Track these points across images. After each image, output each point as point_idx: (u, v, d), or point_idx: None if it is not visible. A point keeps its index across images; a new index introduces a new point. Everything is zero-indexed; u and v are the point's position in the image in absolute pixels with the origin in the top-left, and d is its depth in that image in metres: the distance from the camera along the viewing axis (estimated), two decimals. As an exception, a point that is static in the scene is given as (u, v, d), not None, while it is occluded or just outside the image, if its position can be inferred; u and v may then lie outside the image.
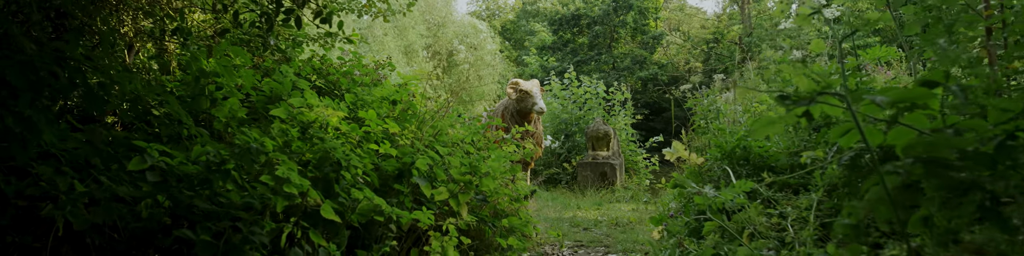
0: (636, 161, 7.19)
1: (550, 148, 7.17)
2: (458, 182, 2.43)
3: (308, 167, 2.00)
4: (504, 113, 5.84)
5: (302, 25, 2.36)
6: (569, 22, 17.84)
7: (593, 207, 5.28)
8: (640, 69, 17.22)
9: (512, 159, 3.06)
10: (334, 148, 1.96)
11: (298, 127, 2.19)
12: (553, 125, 7.52)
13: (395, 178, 2.36)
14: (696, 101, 2.84)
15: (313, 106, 2.22)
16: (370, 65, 4.05)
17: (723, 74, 3.62)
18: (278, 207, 1.61)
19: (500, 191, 2.80)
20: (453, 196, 2.40)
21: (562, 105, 7.69)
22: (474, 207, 2.75)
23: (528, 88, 5.66)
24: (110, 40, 2.61)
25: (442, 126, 2.75)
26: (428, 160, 2.34)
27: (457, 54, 15.91)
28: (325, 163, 1.97)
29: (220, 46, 2.54)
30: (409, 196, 2.37)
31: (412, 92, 3.34)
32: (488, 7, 28.51)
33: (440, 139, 2.81)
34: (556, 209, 5.06)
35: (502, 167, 2.61)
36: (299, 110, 2.18)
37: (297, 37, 3.87)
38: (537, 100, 5.60)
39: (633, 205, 5.48)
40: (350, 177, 2.03)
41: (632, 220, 4.32)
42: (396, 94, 2.81)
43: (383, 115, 2.81)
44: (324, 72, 3.74)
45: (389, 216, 1.95)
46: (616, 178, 6.45)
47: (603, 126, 6.54)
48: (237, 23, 2.43)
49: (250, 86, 2.60)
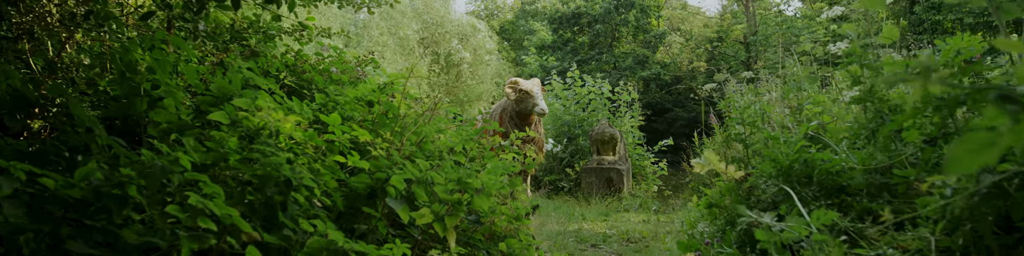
0: (644, 166, 6.74)
1: (552, 152, 6.72)
2: (445, 202, 1.98)
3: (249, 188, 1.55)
4: (502, 115, 5.39)
5: (240, 5, 1.91)
6: (569, 20, 17.39)
7: (600, 218, 4.83)
8: (642, 69, 16.77)
9: (511, 171, 2.61)
10: (280, 164, 1.51)
11: (241, 135, 1.74)
12: (555, 127, 7.07)
13: (366, 197, 1.90)
14: (729, 102, 2.38)
15: (263, 108, 1.77)
16: (353, 62, 3.60)
17: (751, 72, 3.18)
18: (183, 252, 1.16)
19: (497, 209, 2.35)
20: (438, 219, 1.95)
21: (564, 106, 7.23)
22: (465, 229, 2.30)
23: (528, 88, 5.21)
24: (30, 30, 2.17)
25: (428, 132, 2.30)
26: (408, 175, 1.89)
27: (455, 54, 15.51)
28: (268, 183, 1.51)
29: (157, 34, 2.09)
30: (384, 220, 1.92)
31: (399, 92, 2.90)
32: (487, 7, 28.13)
33: (425, 148, 2.36)
34: (559, 220, 4.61)
35: (499, 182, 2.16)
36: (246, 114, 1.73)
37: (268, 30, 3.42)
38: (538, 101, 5.15)
39: (643, 215, 5.03)
40: (303, 200, 1.58)
41: (645, 235, 3.87)
42: (373, 94, 2.35)
43: (358, 119, 2.36)
44: (298, 69, 3.32)
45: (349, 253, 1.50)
46: (623, 185, 5.99)
47: (609, 129, 6.09)
48: (165, 4, 1.98)
49: (201, 85, 2.15)
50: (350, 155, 1.87)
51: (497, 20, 26.09)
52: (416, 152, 2.22)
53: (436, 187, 1.93)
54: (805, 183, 1.67)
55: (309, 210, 1.66)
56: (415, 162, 1.91)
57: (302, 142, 1.74)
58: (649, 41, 17.41)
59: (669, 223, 4.43)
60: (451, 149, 2.48)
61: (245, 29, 3.33)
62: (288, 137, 1.73)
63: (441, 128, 2.47)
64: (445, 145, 2.37)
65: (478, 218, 2.19)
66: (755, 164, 2.25)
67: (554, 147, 6.64)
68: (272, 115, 1.64)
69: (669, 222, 4.49)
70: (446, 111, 4.16)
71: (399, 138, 2.19)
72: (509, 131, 5.24)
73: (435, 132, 2.41)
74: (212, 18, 3.03)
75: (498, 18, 26.92)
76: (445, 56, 15.62)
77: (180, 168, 1.29)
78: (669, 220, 4.61)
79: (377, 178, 1.87)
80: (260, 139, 1.71)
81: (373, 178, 1.89)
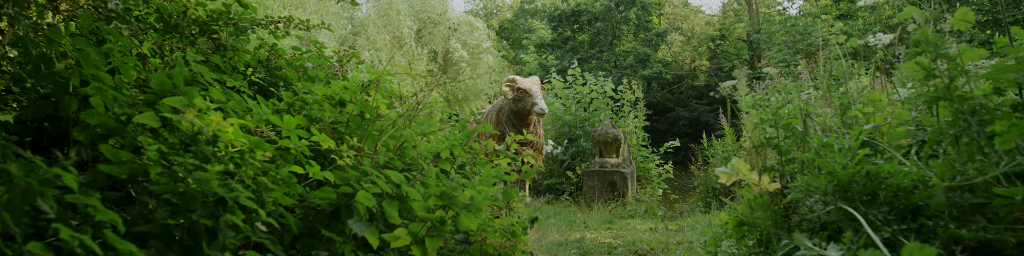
0: (648, 169, 6.41)
1: (552, 154, 6.39)
2: (426, 220, 1.65)
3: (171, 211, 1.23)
4: (499, 115, 5.06)
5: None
6: (569, 18, 17.04)
7: (603, 225, 4.50)
8: (643, 67, 16.43)
9: (506, 179, 2.29)
10: (206, 180, 1.18)
11: (178, 142, 1.42)
12: (555, 128, 6.73)
13: (329, 216, 1.58)
14: (759, 101, 2.05)
15: (202, 109, 1.44)
16: (334, 57, 3.28)
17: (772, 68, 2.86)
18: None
19: (490, 224, 2.03)
20: (417, 241, 1.62)
21: (564, 105, 6.89)
22: (452, 249, 1.97)
23: (527, 86, 4.88)
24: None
25: (409, 136, 1.97)
26: (379, 189, 1.56)
27: (453, 52, 15.22)
28: (193, 204, 1.19)
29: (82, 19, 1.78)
30: (350, 243, 1.59)
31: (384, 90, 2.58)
32: (486, 6, 27.83)
33: (407, 154, 2.03)
34: (560, 228, 4.28)
35: (491, 196, 1.83)
36: (177, 116, 1.40)
37: (240, 22, 3.10)
38: (537, 100, 4.82)
39: (650, 223, 4.71)
40: (242, 224, 1.26)
41: (654, 246, 3.55)
42: (346, 92, 2.03)
43: (329, 121, 2.04)
44: (272, 65, 3.01)
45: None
46: (627, 189, 5.67)
47: (612, 129, 5.77)
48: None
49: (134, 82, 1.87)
50: (309, 165, 1.55)
51: (496, 19, 25.82)
52: (394, 160, 1.90)
53: (414, 204, 1.60)
54: (869, 202, 1.34)
55: (254, 235, 1.33)
56: (395, 170, 1.58)
57: (246, 150, 1.42)
58: (650, 39, 17.08)
59: (679, 232, 4.10)
60: (437, 155, 2.15)
61: (214, 21, 3.02)
62: (229, 144, 1.41)
63: (426, 131, 2.14)
64: (430, 151, 2.05)
65: (466, 237, 1.86)
66: (789, 172, 1.93)
67: (554, 149, 6.31)
68: (203, 118, 1.31)
69: (679, 231, 4.17)
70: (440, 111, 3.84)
71: (372, 144, 1.86)
72: (506, 133, 4.91)
73: (419, 135, 2.09)
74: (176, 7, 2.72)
75: (497, 17, 26.64)
76: (442, 54, 15.35)
77: (53, 191, 0.97)
78: (679, 228, 4.28)
79: (343, 193, 1.55)
80: (195, 147, 1.38)
81: (338, 193, 1.57)
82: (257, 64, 2.97)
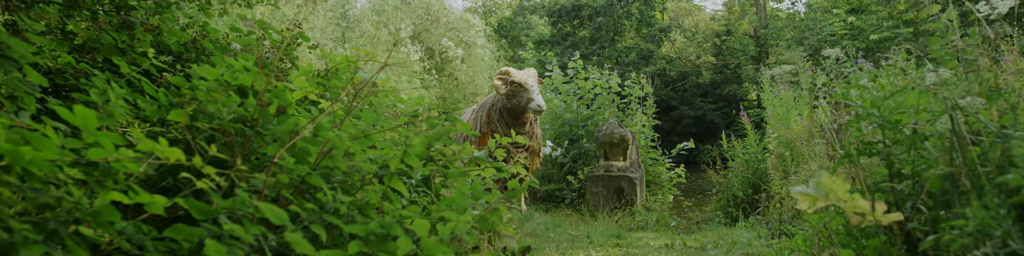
0: (658, 172, 5.75)
1: (550, 157, 5.74)
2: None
3: None
4: (490, 112, 4.40)
5: None
6: (569, 13, 16.37)
7: (610, 241, 3.86)
8: (646, 64, 15.77)
9: (488, 200, 1.64)
10: None
11: None
12: (554, 127, 6.07)
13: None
14: (854, 87, 1.39)
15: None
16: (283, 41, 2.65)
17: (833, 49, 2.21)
18: None
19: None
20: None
21: (565, 102, 6.22)
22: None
23: (522, 79, 4.22)
24: None
25: (337, 141, 1.33)
26: (247, 235, 0.92)
27: (450, 50, 14.67)
28: None
29: None
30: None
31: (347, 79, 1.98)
32: (484, 4, 27.23)
33: (337, 166, 1.38)
34: (559, 245, 3.64)
35: (460, 231, 1.19)
36: None
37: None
38: (534, 95, 4.16)
39: (664, 238, 4.06)
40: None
41: (676, 272, 2.91)
42: (246, 76, 1.38)
43: (227, 118, 1.39)
44: (200, 47, 2.46)
45: None
46: (636, 196, 5.02)
47: (619, 129, 5.12)
48: None
49: None
50: (134, 193, 0.91)
51: (495, 17, 25.24)
52: (311, 176, 1.25)
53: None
54: None
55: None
56: (262, 206, 0.94)
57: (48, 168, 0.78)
58: (653, 35, 16.42)
59: (701, 251, 3.46)
60: (383, 168, 1.51)
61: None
62: None
63: (369, 132, 1.49)
64: (366, 166, 1.39)
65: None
66: (910, 194, 1.29)
67: (553, 151, 5.66)
68: None
69: (701, 249, 3.52)
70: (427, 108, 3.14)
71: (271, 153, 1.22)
72: (498, 132, 4.26)
73: (355, 138, 1.43)
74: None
75: (496, 15, 26.07)
76: (439, 52, 14.82)
77: None
78: (700, 246, 3.64)
79: (189, 240, 0.91)
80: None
81: (185, 235, 0.93)
82: (179, 47, 2.37)
